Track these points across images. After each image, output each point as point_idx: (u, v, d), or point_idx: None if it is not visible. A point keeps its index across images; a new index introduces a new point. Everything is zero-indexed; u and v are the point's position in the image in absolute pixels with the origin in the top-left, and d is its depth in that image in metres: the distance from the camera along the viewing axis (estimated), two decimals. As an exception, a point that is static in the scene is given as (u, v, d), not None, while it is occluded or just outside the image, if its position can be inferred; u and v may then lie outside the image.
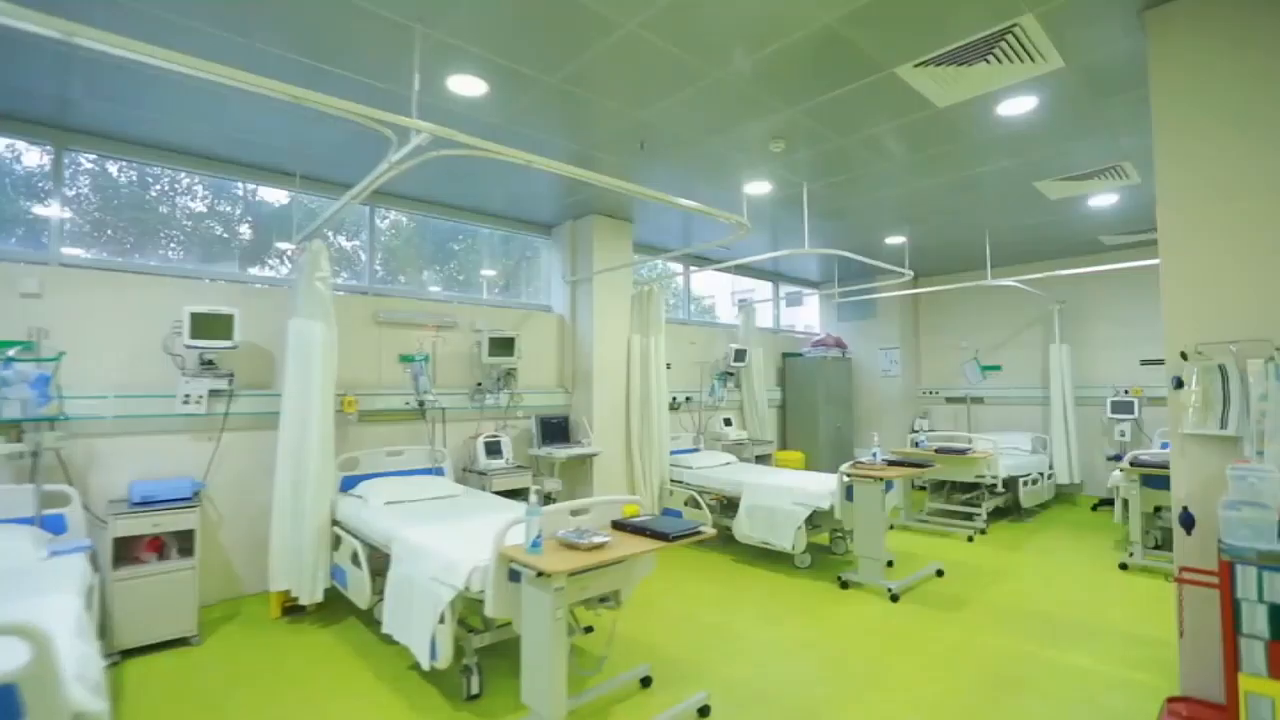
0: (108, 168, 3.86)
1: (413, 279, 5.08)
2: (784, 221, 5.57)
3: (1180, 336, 2.41)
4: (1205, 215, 2.39)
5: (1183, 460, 2.37)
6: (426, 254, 5.33)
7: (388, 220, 5.07)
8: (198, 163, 4.01)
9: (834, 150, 3.97)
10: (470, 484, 4.63)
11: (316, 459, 3.55)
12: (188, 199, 4.14)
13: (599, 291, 5.38)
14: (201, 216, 4.18)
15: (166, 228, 4.04)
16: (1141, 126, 3.67)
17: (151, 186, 4.02)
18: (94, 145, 3.69)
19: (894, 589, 3.94)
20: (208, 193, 4.21)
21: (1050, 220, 5.60)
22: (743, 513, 4.78)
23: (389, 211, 5.00)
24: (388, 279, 4.92)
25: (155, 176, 4.02)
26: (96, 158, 3.79)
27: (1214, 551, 2.27)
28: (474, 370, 4.94)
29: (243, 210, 4.34)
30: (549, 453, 4.90)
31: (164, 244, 4.03)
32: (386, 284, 4.86)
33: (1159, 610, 3.73)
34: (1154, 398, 6.59)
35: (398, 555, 2.97)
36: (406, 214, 5.02)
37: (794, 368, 7.69)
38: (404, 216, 5.01)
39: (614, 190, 3.24)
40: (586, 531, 2.45)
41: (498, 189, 4.77)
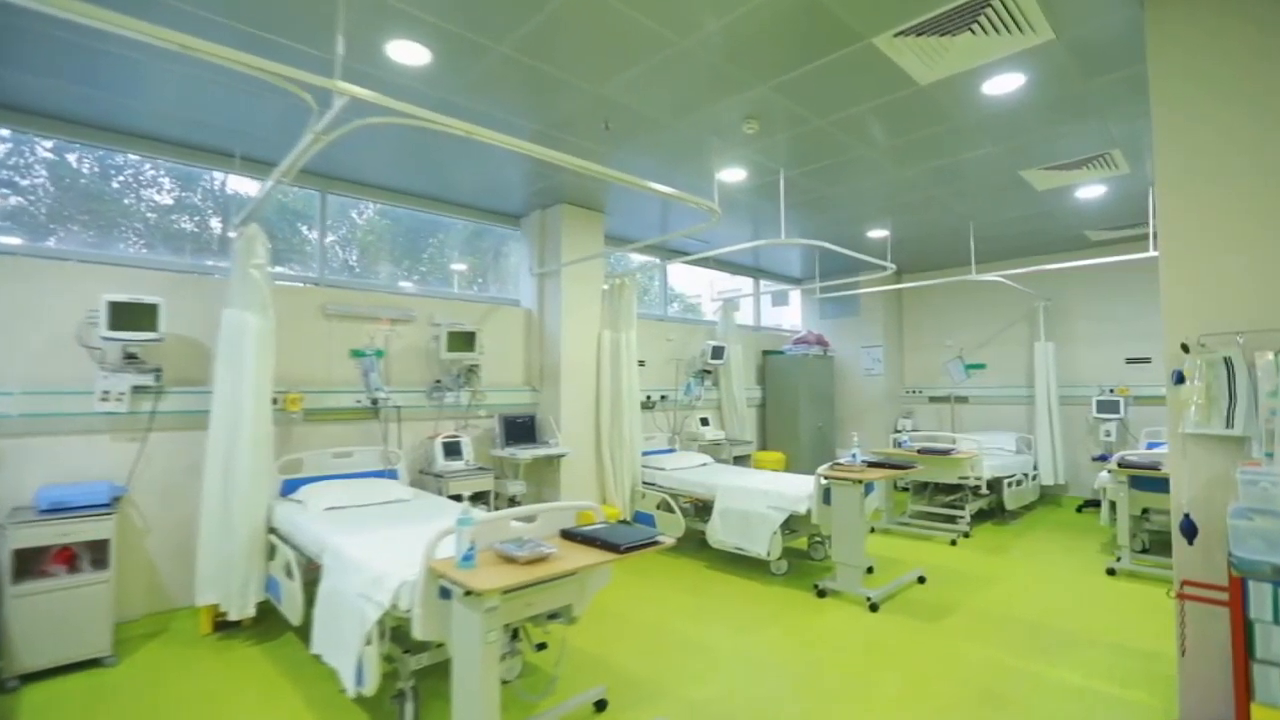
0: (21, 146, 3.54)
1: (367, 270, 4.79)
2: (762, 213, 5.35)
3: (1180, 327, 2.20)
4: (1207, 197, 2.18)
5: (1184, 463, 2.16)
6: (401, 250, 5.07)
7: (365, 215, 4.82)
8: (124, 140, 3.70)
9: (811, 133, 3.74)
10: (427, 487, 4.36)
11: (249, 460, 3.26)
12: (119, 181, 3.83)
13: (568, 284, 5.12)
14: (132, 199, 3.87)
15: (93, 212, 3.73)
16: (1132, 111, 3.47)
17: (77, 167, 3.70)
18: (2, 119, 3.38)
19: (873, 598, 3.72)
20: (136, 173, 3.90)
21: (1036, 213, 5.43)
22: (716, 517, 4.54)
23: (365, 205, 4.73)
24: (355, 272, 4.64)
25: (81, 156, 3.70)
26: (9, 133, 3.47)
27: (1219, 563, 2.07)
28: (432, 367, 4.66)
29: (181, 194, 4.04)
30: (512, 454, 4.64)
31: (91, 229, 3.71)
32: (340, 275, 4.57)
33: (1149, 619, 3.54)
34: (1140, 397, 6.46)
35: (328, 567, 2.70)
36: (362, 200, 4.73)
37: (774, 366, 7.48)
38: (373, 209, 4.72)
39: (575, 170, 2.99)
40: (529, 542, 2.19)
41: (463, 176, 4.50)
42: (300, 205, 4.52)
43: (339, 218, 4.75)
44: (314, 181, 4.41)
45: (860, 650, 3.18)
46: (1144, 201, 5.04)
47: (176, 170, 3.99)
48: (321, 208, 4.47)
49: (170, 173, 3.98)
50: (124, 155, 3.80)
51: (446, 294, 5.08)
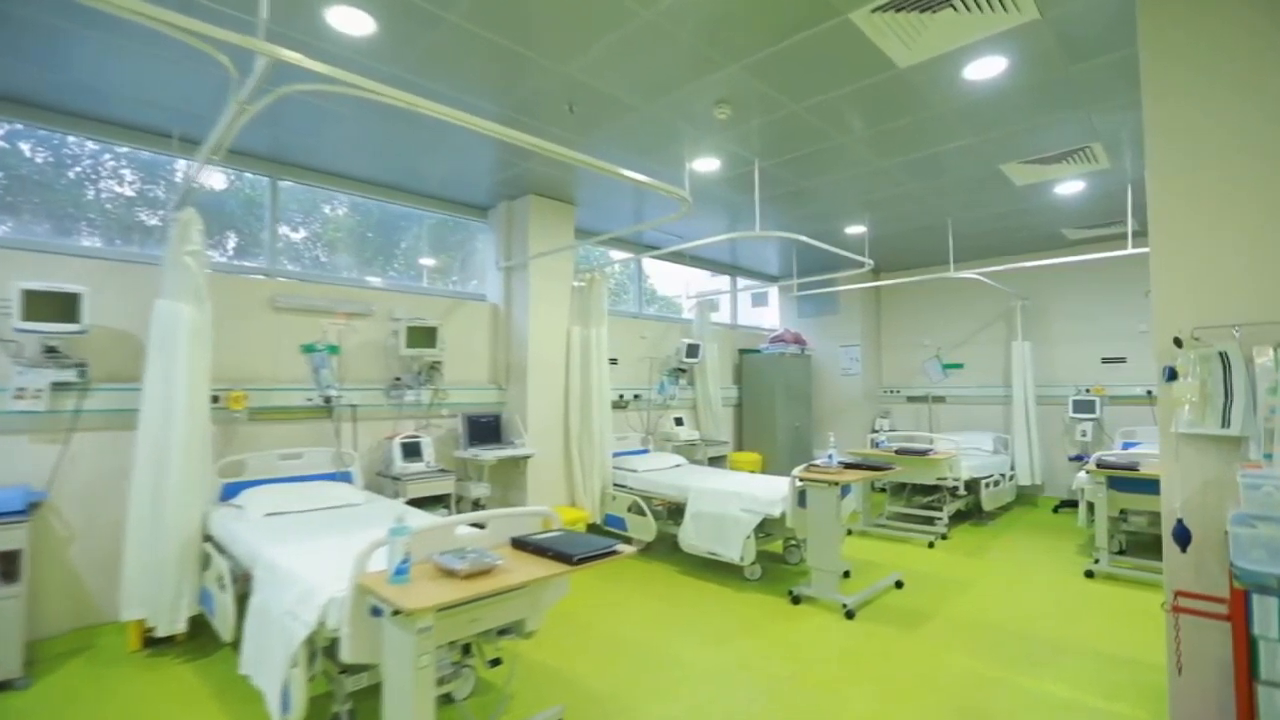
0: (-65, 119, 3.26)
1: (331, 264, 4.54)
2: (737, 207, 5.19)
3: (1172, 321, 2.07)
4: (1200, 182, 2.05)
5: (1176, 464, 2.02)
6: (371, 246, 4.83)
7: (339, 210, 4.60)
8: (50, 117, 3.42)
9: (786, 120, 3.58)
10: (384, 491, 4.12)
11: (182, 463, 3.01)
12: (49, 161, 3.55)
13: (536, 278, 4.91)
14: (63, 181, 3.59)
15: (17, 195, 3.44)
16: (1115, 101, 3.37)
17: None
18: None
19: (849, 605, 3.57)
20: (95, 163, 3.62)
21: (1014, 209, 5.34)
22: (688, 520, 4.37)
23: (338, 199, 4.50)
24: (325, 266, 4.38)
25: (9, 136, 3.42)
26: (-81, 105, 3.19)
27: (1214, 573, 1.93)
28: (391, 364, 4.43)
29: (119, 175, 3.76)
30: (476, 455, 4.42)
31: (44, 218, 3.43)
32: (300, 268, 4.31)
33: (1131, 625, 3.44)
34: (1115, 397, 6.42)
35: (259, 579, 2.47)
36: (319, 187, 4.47)
37: (751, 365, 7.33)
38: (347, 204, 4.47)
39: (537, 151, 2.80)
40: (472, 553, 1.99)
41: (426, 165, 4.27)
42: (266, 197, 4.31)
43: (311, 212, 4.55)
44: (264, 167, 4.15)
45: (835, 662, 3.02)
46: (1122, 199, 4.98)
47: (139, 159, 3.74)
48: (272, 194, 4.21)
49: (132, 162, 3.74)
50: (58, 135, 3.52)
51: (408, 288, 4.84)
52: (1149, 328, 6.31)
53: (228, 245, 4.14)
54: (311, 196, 4.56)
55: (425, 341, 4.34)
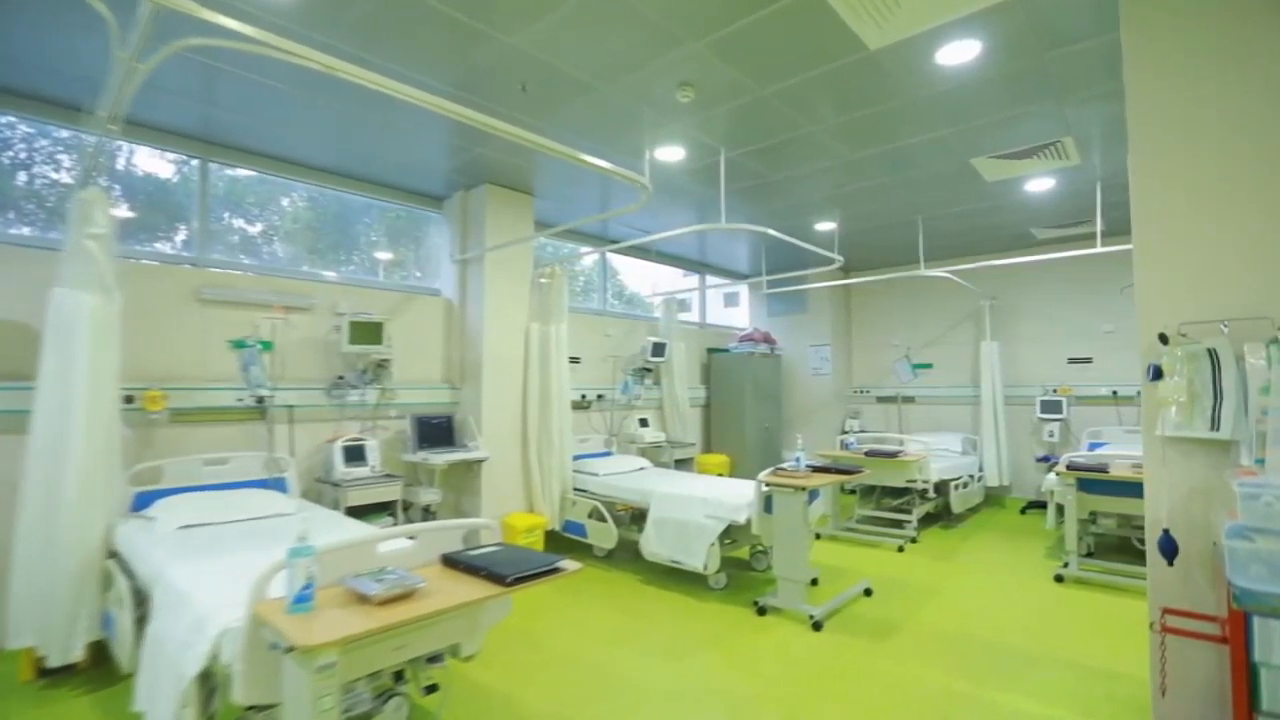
0: None
1: (250, 249, 4.22)
2: (704, 200, 5.00)
3: (1157, 315, 1.93)
4: (1186, 170, 1.92)
5: (1162, 470, 1.88)
6: (325, 239, 4.54)
7: (301, 203, 4.35)
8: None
9: (753, 107, 3.40)
10: (324, 498, 3.84)
11: (81, 470, 2.69)
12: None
13: (492, 272, 4.66)
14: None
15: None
16: (1090, 93, 3.26)
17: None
18: None
19: (817, 615, 3.41)
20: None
21: (984, 207, 5.26)
22: (650, 527, 4.17)
23: (296, 191, 4.21)
24: (277, 259, 4.07)
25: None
26: None
27: (1201, 587, 1.79)
28: (334, 361, 4.13)
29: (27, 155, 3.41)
30: (425, 458, 4.15)
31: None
32: (221, 255, 3.98)
33: (1103, 633, 3.33)
34: (1081, 397, 6.41)
35: (158, 603, 2.19)
36: (256, 171, 4.16)
37: (720, 364, 7.16)
38: (306, 196, 4.15)
39: (485, 131, 2.63)
40: (392, 575, 1.75)
41: (375, 149, 3.98)
42: (225, 189, 4.03)
43: (268, 205, 4.29)
44: (193, 147, 3.83)
45: (801, 678, 2.84)
46: (1091, 198, 4.92)
47: (55, 136, 3.41)
48: (202, 177, 3.89)
49: (45, 139, 3.41)
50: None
51: (353, 280, 4.54)
52: (1114, 328, 6.39)
53: (176, 238, 3.84)
54: (268, 189, 4.29)
55: (370, 337, 4.06)
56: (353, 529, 2.90)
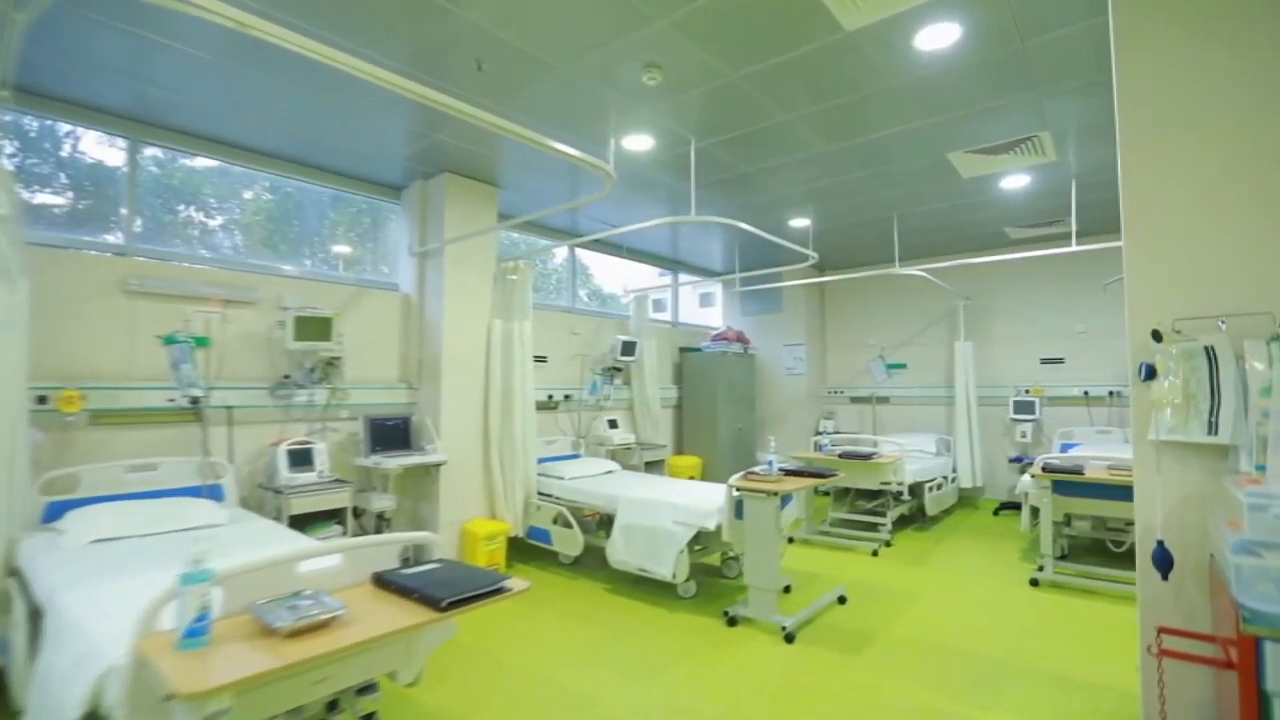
0: None
1: (208, 244, 3.93)
2: (676, 193, 4.82)
3: (1149, 310, 1.80)
4: (1181, 152, 1.79)
5: (1155, 477, 1.75)
6: (280, 233, 4.28)
7: (266, 196, 4.13)
8: None
9: (724, 92, 3.24)
10: (265, 506, 3.58)
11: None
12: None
13: (452, 266, 4.42)
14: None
15: None
16: (1070, 83, 3.16)
17: None
18: None
19: (789, 626, 3.26)
20: None
21: (960, 204, 5.18)
22: (617, 533, 3.98)
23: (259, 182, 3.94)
24: (237, 252, 3.77)
25: None
26: None
27: (1196, 602, 1.66)
28: (278, 359, 3.86)
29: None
30: (378, 462, 3.91)
31: None
32: (155, 243, 3.69)
33: (1078, 640, 3.24)
34: (1053, 398, 6.39)
35: (49, 630, 1.94)
36: (200, 156, 3.88)
37: (692, 364, 7.00)
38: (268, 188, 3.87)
39: (441, 110, 2.43)
40: (308, 600, 1.54)
41: (326, 132, 3.73)
42: (181, 180, 3.77)
43: (229, 197, 4.06)
44: (123, 126, 3.54)
45: (772, 695, 2.68)
46: (1066, 196, 4.87)
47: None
48: (131, 158, 3.59)
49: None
50: None
51: (302, 272, 4.27)
52: (1086, 328, 6.37)
53: (132, 229, 3.58)
54: (229, 181, 4.05)
55: (318, 334, 3.81)
56: (287, 542, 2.66)
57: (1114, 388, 6.06)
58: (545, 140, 2.64)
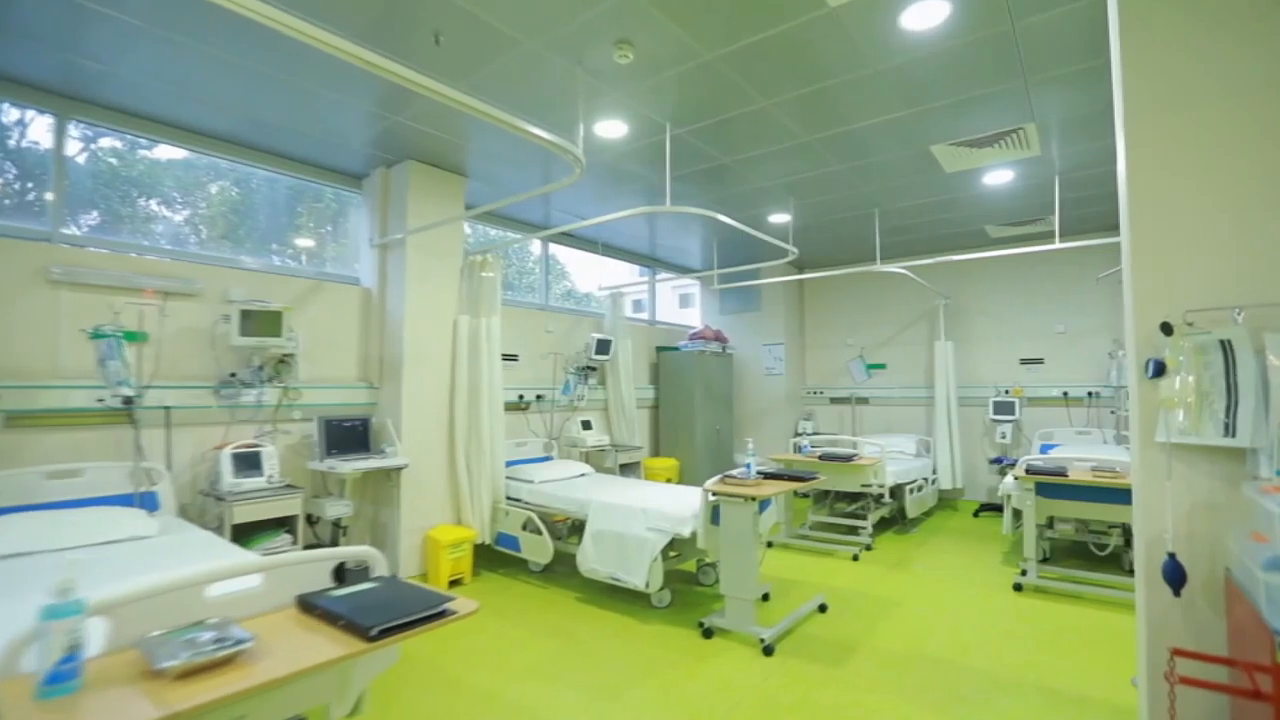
0: None
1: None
2: (652, 185, 4.64)
3: (1156, 300, 1.65)
4: (1190, 128, 1.65)
5: (1165, 484, 1.60)
6: (243, 223, 4.03)
7: (234, 191, 3.95)
8: None
9: (700, 74, 3.06)
10: (207, 514, 3.32)
11: None
12: None
13: (415, 258, 4.19)
14: None
15: None
16: (1059, 70, 3.05)
17: None
18: None
19: (767, 639, 3.08)
20: None
21: (941, 200, 5.07)
22: (587, 540, 3.78)
23: (208, 158, 3.71)
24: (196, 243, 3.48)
25: None
26: None
27: (1207, 620, 1.52)
28: (224, 356, 3.60)
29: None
30: (332, 466, 3.66)
31: None
32: (85, 229, 3.41)
33: (1066, 649, 3.11)
34: (1033, 398, 6.33)
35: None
36: (135, 135, 3.60)
37: (669, 363, 6.83)
38: (229, 180, 3.59)
39: (386, 79, 2.23)
40: (210, 632, 1.32)
41: (278, 113, 3.48)
42: (120, 164, 3.50)
43: (192, 190, 3.85)
44: (49, 101, 3.26)
45: (749, 714, 2.50)
46: (1048, 193, 4.78)
47: None
48: (58, 136, 3.31)
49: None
50: None
51: (252, 264, 4.00)
52: (1066, 328, 6.32)
53: (81, 222, 3.31)
54: (193, 174, 3.82)
55: (267, 329, 3.55)
56: (221, 555, 2.42)
57: (1093, 388, 6.02)
58: (508, 117, 2.44)
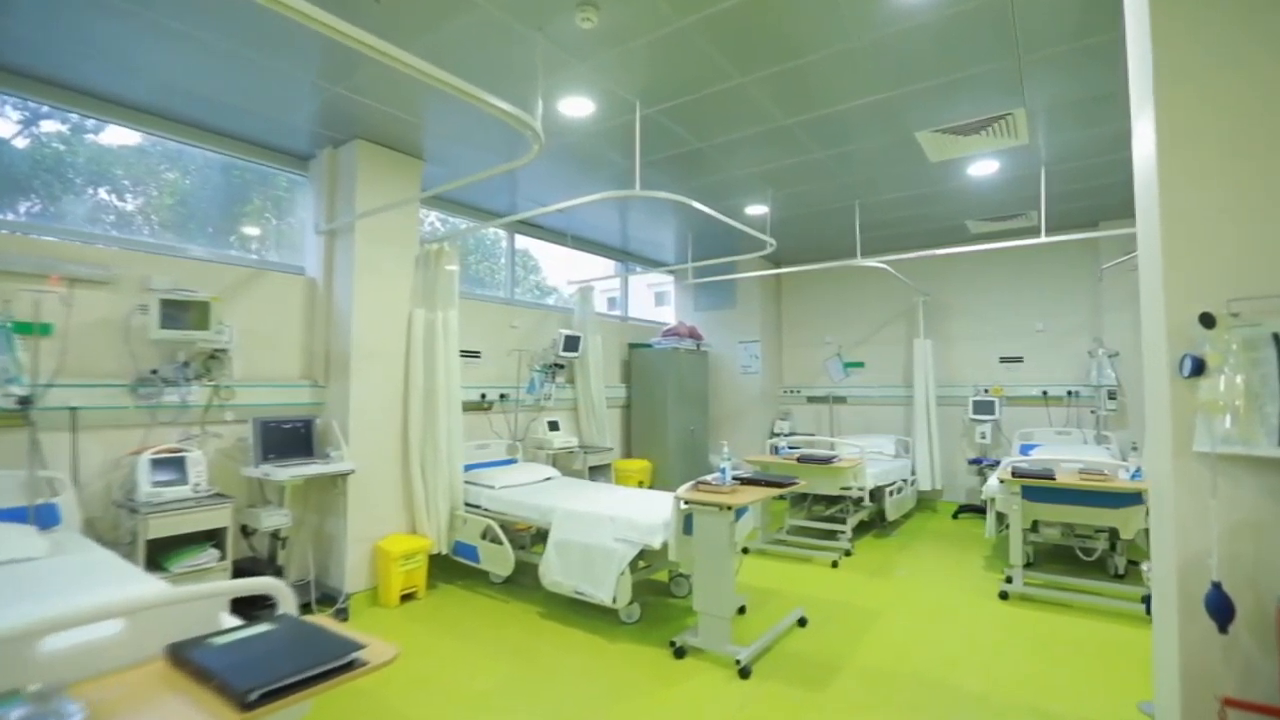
0: None
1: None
2: (621, 173, 4.36)
3: (1190, 287, 1.43)
4: (1230, 88, 1.43)
5: (1209, 501, 1.38)
6: (196, 213, 3.67)
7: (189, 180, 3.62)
8: None
9: (671, 43, 2.80)
10: (121, 528, 2.97)
11: None
12: None
13: (365, 246, 3.86)
14: None
15: None
16: (1052, 50, 2.85)
17: None
18: None
19: (743, 659, 2.84)
20: None
21: (924, 194, 4.89)
22: (550, 550, 3.51)
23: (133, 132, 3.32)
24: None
25: None
26: None
27: (1256, 659, 1.30)
28: (143, 351, 3.23)
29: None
30: (267, 473, 3.32)
31: None
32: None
33: (1060, 664, 2.92)
34: (1012, 397, 6.21)
35: None
36: (55, 107, 3.22)
37: (642, 361, 6.56)
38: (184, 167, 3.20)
39: (323, 34, 1.92)
40: (22, 707, 1.02)
41: (212, 86, 3.13)
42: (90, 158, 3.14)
43: (147, 178, 3.55)
44: (-63, 65, 2.87)
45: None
46: (1031, 187, 4.62)
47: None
48: (-54, 104, 2.92)
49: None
50: None
51: (177, 250, 3.61)
52: (1045, 326, 6.20)
53: (20, 210, 2.96)
54: (146, 162, 3.51)
55: (192, 321, 3.20)
56: (120, 581, 2.08)
57: (1073, 387, 5.91)
58: (454, 80, 2.15)
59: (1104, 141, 3.90)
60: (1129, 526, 3.70)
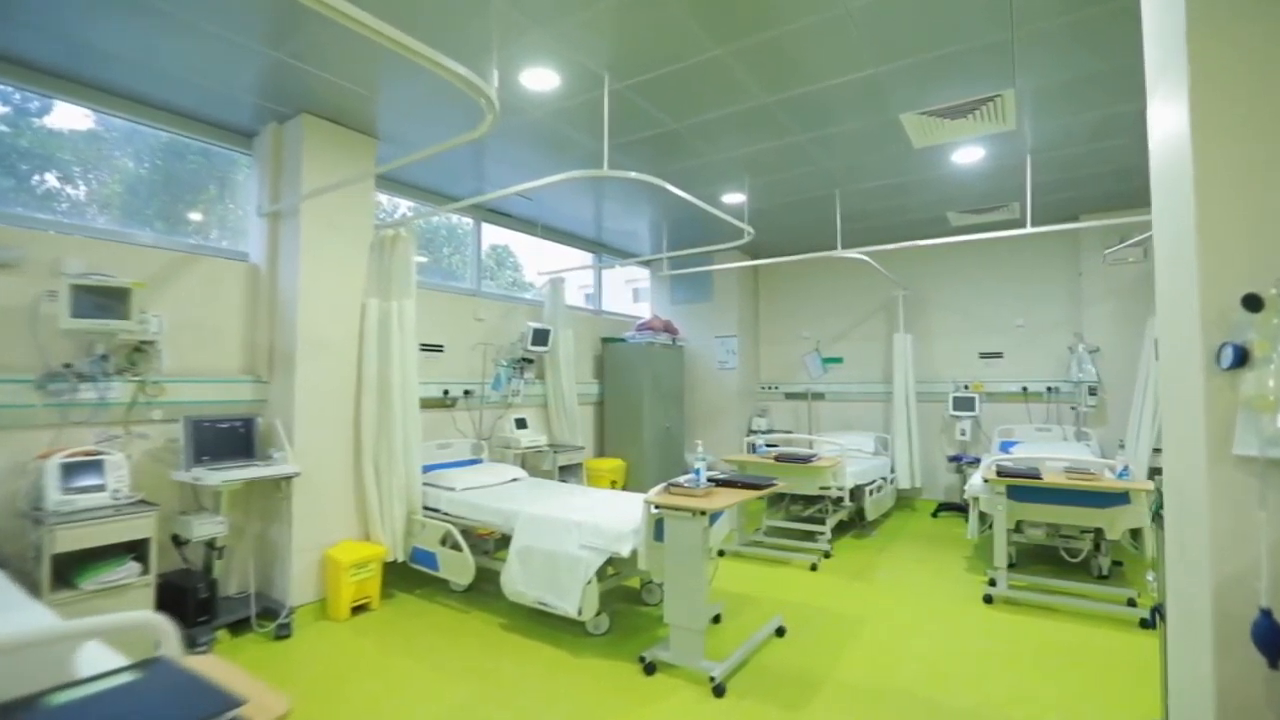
0: None
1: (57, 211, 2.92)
2: (590, 156, 4.11)
3: (1231, 266, 1.24)
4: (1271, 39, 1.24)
5: (1257, 514, 1.19)
6: (122, 192, 3.29)
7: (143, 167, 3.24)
8: None
9: (639, 5, 2.56)
10: (25, 540, 2.65)
11: None
12: None
13: (312, 230, 3.57)
14: None
15: None
16: (1047, 24, 2.67)
17: None
18: None
19: (718, 675, 2.63)
20: None
21: (906, 181, 4.72)
22: (513, 558, 3.26)
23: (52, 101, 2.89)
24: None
25: None
26: None
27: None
28: (53, 343, 2.91)
29: None
30: (198, 477, 3.02)
31: None
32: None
33: (1050, 675, 2.77)
34: (991, 393, 6.11)
35: None
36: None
37: (615, 356, 6.32)
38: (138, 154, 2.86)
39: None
40: None
41: (141, 50, 2.80)
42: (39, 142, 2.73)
43: (96, 161, 3.24)
44: None
45: (695, 786, 2.04)
46: (1016, 176, 4.48)
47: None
48: None
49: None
50: None
51: (101, 231, 3.28)
52: (1025, 321, 6.09)
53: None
54: (98, 146, 3.20)
55: (110, 309, 2.88)
56: (5, 611, 1.79)
57: (1053, 383, 5.82)
58: (403, 38, 1.88)
59: (1089, 128, 3.76)
60: (1115, 527, 3.57)
